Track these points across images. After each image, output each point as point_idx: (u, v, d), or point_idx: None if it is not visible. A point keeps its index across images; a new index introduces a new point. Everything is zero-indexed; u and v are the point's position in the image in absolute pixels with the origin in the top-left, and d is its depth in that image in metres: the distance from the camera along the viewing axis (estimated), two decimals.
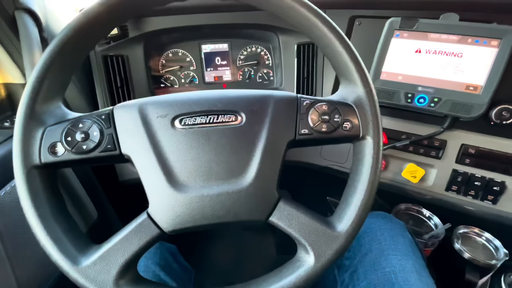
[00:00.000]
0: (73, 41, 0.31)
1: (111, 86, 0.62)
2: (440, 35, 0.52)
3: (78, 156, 0.30)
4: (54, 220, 0.30)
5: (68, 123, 0.31)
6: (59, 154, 0.30)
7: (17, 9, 0.48)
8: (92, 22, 0.31)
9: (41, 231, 0.28)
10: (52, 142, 0.30)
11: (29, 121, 0.30)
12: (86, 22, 0.31)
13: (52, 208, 0.30)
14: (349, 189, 0.34)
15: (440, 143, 0.57)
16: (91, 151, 0.31)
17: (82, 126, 0.31)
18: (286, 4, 0.33)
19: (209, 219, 0.30)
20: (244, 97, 0.34)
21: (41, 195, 0.30)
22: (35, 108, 0.31)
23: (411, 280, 0.37)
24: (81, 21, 0.31)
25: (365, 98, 0.33)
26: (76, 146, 0.30)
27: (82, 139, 0.30)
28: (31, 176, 0.29)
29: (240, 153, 0.32)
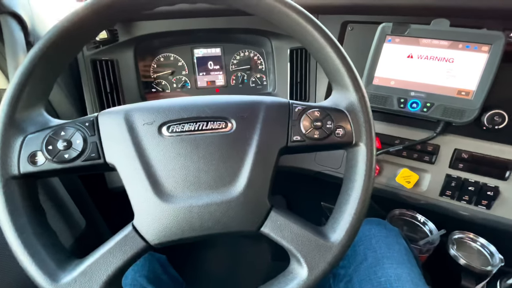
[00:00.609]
0: (56, 45, 0.30)
1: (100, 91, 0.61)
2: (431, 40, 0.52)
3: (59, 165, 0.29)
4: (32, 233, 0.28)
5: (49, 131, 0.30)
6: (39, 164, 0.29)
7: (2, 13, 0.46)
8: (76, 26, 0.30)
9: (17, 245, 0.27)
10: (32, 151, 0.29)
11: (8, 129, 0.29)
12: (70, 26, 0.30)
13: (31, 220, 0.28)
14: (343, 197, 0.33)
15: (433, 148, 0.57)
16: (73, 160, 0.29)
17: (64, 134, 0.30)
18: (277, 9, 0.32)
19: (197, 231, 0.29)
20: (234, 103, 0.33)
21: (19, 206, 0.28)
22: (14, 116, 0.29)
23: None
24: (64, 25, 0.30)
25: (357, 104, 0.33)
26: (57, 155, 0.29)
27: (64, 147, 0.29)
28: (9, 187, 0.28)
29: (230, 161, 0.31)
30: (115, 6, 0.31)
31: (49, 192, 0.54)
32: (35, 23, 0.52)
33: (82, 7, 0.30)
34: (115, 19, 0.34)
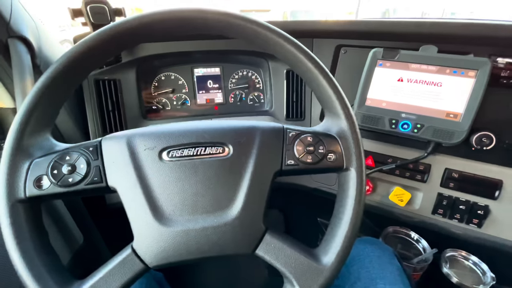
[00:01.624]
0: (64, 74, 0.32)
1: (102, 109, 0.63)
2: (420, 65, 0.55)
3: (63, 189, 0.30)
4: (36, 255, 0.29)
5: (55, 156, 0.31)
6: (44, 188, 0.30)
7: (10, 37, 0.49)
8: (84, 55, 0.32)
9: (22, 267, 0.28)
10: (38, 175, 0.30)
11: (16, 153, 0.30)
12: (78, 56, 0.32)
13: (35, 242, 0.30)
14: (334, 220, 0.34)
15: (424, 167, 0.59)
16: (77, 184, 0.31)
17: (69, 159, 0.31)
18: (272, 40, 0.34)
19: (194, 254, 0.30)
20: (231, 129, 0.34)
21: (24, 229, 0.29)
22: (22, 141, 0.31)
23: None
24: (73, 54, 0.32)
25: (347, 130, 0.34)
26: (62, 179, 0.30)
27: (69, 171, 0.30)
28: (15, 210, 0.29)
29: (227, 185, 0.32)
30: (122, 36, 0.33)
31: (49, 207, 0.55)
32: (42, 46, 0.54)
33: (90, 37, 0.32)
34: (121, 48, 0.36)
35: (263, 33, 0.34)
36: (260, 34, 0.34)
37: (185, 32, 0.35)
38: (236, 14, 0.34)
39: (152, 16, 0.32)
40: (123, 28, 0.32)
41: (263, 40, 0.35)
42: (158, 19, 0.32)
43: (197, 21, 0.34)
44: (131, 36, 0.33)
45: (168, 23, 0.33)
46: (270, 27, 0.34)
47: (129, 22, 0.32)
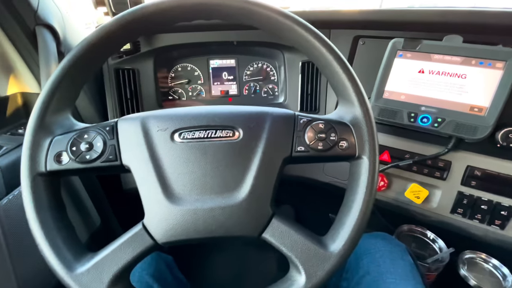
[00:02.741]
0: (85, 57, 0.33)
1: (121, 97, 0.65)
2: (444, 56, 0.52)
3: (81, 165, 0.32)
4: (54, 226, 0.31)
5: (74, 134, 0.33)
6: (64, 163, 0.32)
7: (38, 25, 0.51)
8: (104, 40, 0.33)
9: (40, 236, 0.30)
10: (58, 151, 0.32)
11: (39, 130, 0.32)
12: (98, 40, 0.33)
13: (54, 214, 0.31)
14: (344, 208, 0.33)
15: (444, 164, 0.56)
16: (93, 161, 0.32)
17: (87, 137, 0.32)
18: (286, 26, 0.34)
19: (201, 233, 0.31)
20: (242, 114, 0.34)
21: (44, 201, 0.31)
22: (45, 119, 0.32)
23: None
24: (93, 39, 0.33)
25: (361, 118, 0.33)
26: (80, 156, 0.32)
27: (86, 149, 0.32)
28: (36, 182, 0.31)
29: (236, 168, 0.32)
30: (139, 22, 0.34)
31: (70, 190, 0.58)
32: (67, 34, 0.57)
33: (109, 22, 0.33)
34: (138, 34, 0.37)
35: (275, 17, 0.33)
36: (272, 19, 0.34)
37: (201, 18, 0.36)
38: (251, 0, 0.33)
39: (169, 2, 0.33)
40: (140, 14, 0.33)
41: (276, 26, 0.34)
42: (175, 4, 0.33)
43: (213, 7, 0.34)
44: (148, 21, 0.34)
45: (184, 8, 0.34)
46: (283, 12, 0.33)
47: (146, 8, 0.33)
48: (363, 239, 0.49)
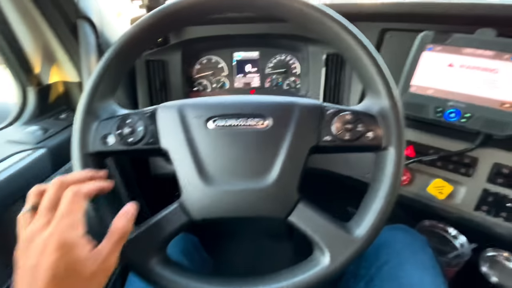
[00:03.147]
0: (126, 48, 0.36)
1: (151, 88, 0.68)
2: (475, 50, 0.51)
3: (124, 147, 0.35)
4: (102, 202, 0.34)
5: (118, 118, 0.36)
6: (109, 145, 0.35)
7: (79, 18, 0.55)
8: (144, 31, 0.36)
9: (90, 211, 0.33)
10: (104, 133, 0.35)
11: (87, 115, 0.35)
12: (139, 32, 0.36)
13: None
14: (369, 196, 0.35)
15: (470, 160, 0.55)
16: (135, 143, 0.35)
17: (130, 122, 0.35)
18: (315, 18, 0.35)
19: (232, 212, 0.33)
20: (271, 103, 0.36)
21: None
22: (92, 104, 0.36)
23: None
24: (135, 31, 0.36)
25: (389, 110, 0.34)
26: (124, 139, 0.35)
27: (129, 132, 0.35)
28: (85, 162, 0.34)
29: (265, 154, 0.34)
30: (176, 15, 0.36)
31: None
32: (104, 27, 0.60)
33: (149, 15, 0.36)
34: (175, 26, 0.39)
35: (305, 10, 0.34)
36: (302, 11, 0.35)
37: (231, 11, 0.37)
38: None
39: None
40: (178, 7, 0.35)
41: (305, 18, 0.36)
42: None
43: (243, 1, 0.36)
44: (185, 14, 0.36)
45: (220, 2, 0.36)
46: (313, 4, 0.34)
47: (181, 2, 0.35)
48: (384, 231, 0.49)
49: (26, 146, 0.47)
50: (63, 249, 0.24)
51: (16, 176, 0.42)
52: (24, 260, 0.25)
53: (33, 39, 0.54)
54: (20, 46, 0.52)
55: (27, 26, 0.53)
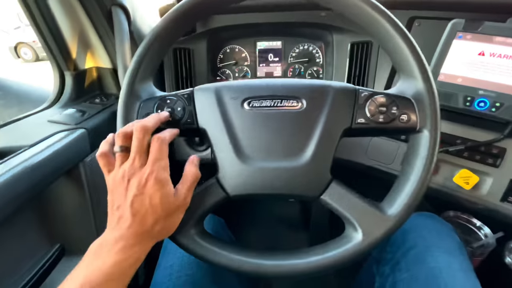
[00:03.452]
0: (164, 33, 0.38)
1: (177, 75, 0.70)
2: (507, 38, 0.50)
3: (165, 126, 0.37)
4: None
5: (157, 99, 0.38)
6: None
7: (114, 5, 0.57)
8: (180, 17, 0.37)
9: None
10: (146, 112, 0.37)
11: (130, 95, 0.37)
12: (175, 18, 0.37)
13: None
14: (402, 178, 0.35)
15: (498, 151, 0.55)
16: (175, 123, 0.37)
17: (169, 102, 0.37)
18: (352, 2, 0.35)
19: (267, 189, 0.34)
20: (306, 85, 0.37)
21: None
22: (134, 86, 0.37)
23: (457, 277, 0.37)
24: (171, 17, 0.37)
25: (425, 93, 0.34)
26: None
27: (169, 112, 0.37)
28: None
29: (299, 135, 0.35)
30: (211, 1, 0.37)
31: None
32: (136, 14, 0.62)
33: (185, 2, 0.37)
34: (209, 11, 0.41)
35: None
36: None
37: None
38: None
39: None
40: None
41: (341, 3, 0.36)
42: None
43: None
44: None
45: None
46: None
47: None
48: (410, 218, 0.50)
49: (66, 126, 0.49)
50: (160, 184, 0.30)
51: (58, 153, 0.45)
52: (123, 190, 0.30)
53: (71, 26, 0.57)
54: (60, 33, 0.55)
55: (66, 13, 0.55)
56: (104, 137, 0.34)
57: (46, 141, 0.45)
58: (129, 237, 0.29)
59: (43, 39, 0.54)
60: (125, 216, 0.29)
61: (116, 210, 0.30)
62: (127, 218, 0.29)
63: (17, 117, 0.50)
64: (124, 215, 0.29)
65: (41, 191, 0.43)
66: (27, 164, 0.40)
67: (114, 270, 0.27)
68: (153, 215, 0.30)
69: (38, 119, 0.52)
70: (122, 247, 0.28)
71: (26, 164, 0.40)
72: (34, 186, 0.41)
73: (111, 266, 0.27)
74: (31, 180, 0.40)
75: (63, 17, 0.54)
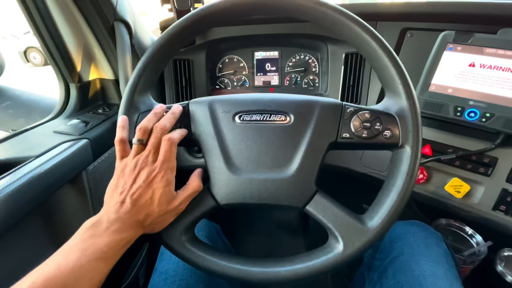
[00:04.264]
0: (164, 48, 0.40)
1: (177, 85, 0.73)
2: (497, 50, 0.51)
3: None
4: None
5: None
6: None
7: (116, 20, 0.60)
8: (179, 33, 0.40)
9: None
10: None
11: (129, 108, 0.40)
12: (175, 33, 0.40)
13: None
14: (383, 192, 0.37)
15: (490, 160, 0.56)
16: None
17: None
18: (339, 21, 0.37)
19: (255, 199, 0.36)
20: (294, 101, 0.39)
21: None
22: (133, 98, 0.40)
23: (440, 285, 0.38)
24: (172, 32, 0.40)
25: (408, 110, 0.36)
26: None
27: None
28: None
29: (286, 148, 0.37)
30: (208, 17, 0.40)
31: None
32: (137, 29, 0.65)
33: (184, 18, 0.39)
34: (206, 28, 0.43)
35: (331, 14, 0.37)
36: (328, 15, 0.37)
37: (260, 13, 0.40)
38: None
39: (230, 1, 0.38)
40: (211, 10, 0.39)
41: (330, 21, 0.38)
42: (240, 2, 0.38)
43: (271, 4, 0.39)
44: (216, 17, 0.40)
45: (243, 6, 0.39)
46: (337, 7, 0.37)
47: (214, 5, 0.38)
48: (399, 226, 0.51)
49: (70, 137, 0.52)
50: (165, 183, 0.33)
51: (63, 163, 0.47)
52: (131, 179, 0.33)
53: (75, 40, 0.60)
54: (65, 47, 0.58)
55: (71, 28, 0.58)
56: (106, 146, 0.37)
57: (51, 151, 0.48)
58: (125, 221, 0.31)
59: (50, 53, 0.57)
60: (126, 202, 0.31)
61: (118, 194, 0.32)
62: (127, 205, 0.31)
63: (24, 128, 0.53)
64: (125, 202, 0.31)
65: (46, 199, 0.46)
66: (33, 174, 0.42)
67: (108, 248, 0.29)
68: (149, 208, 0.32)
69: (44, 129, 0.55)
70: (117, 228, 0.30)
71: (33, 174, 0.42)
72: (39, 194, 0.44)
73: (106, 244, 0.29)
74: (37, 189, 0.43)
75: (68, 33, 0.58)
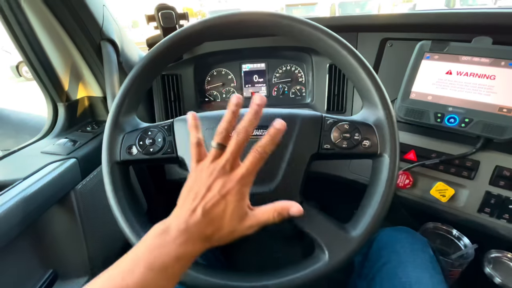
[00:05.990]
0: (148, 68, 0.41)
1: (166, 100, 0.74)
2: (472, 57, 0.53)
3: (146, 156, 0.40)
4: (126, 203, 0.39)
5: (140, 131, 0.41)
6: (133, 154, 0.40)
7: (102, 40, 0.61)
8: (164, 53, 0.41)
9: (117, 210, 0.38)
10: (129, 144, 0.40)
11: (114, 129, 0.40)
12: (159, 53, 0.41)
13: (126, 194, 0.39)
14: (365, 200, 0.38)
15: (472, 164, 0.57)
16: (156, 153, 0.40)
17: (150, 134, 0.40)
18: (315, 36, 0.39)
19: None
20: (275, 115, 0.40)
21: (118, 183, 0.39)
22: (118, 119, 0.41)
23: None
24: (153, 54, 0.41)
25: (384, 119, 0.37)
26: (145, 149, 0.40)
27: (150, 143, 0.40)
28: (113, 169, 0.39)
29: (270, 162, 0.38)
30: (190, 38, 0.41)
31: None
32: (124, 47, 0.66)
33: (168, 38, 0.40)
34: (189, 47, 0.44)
35: (307, 30, 0.38)
36: (305, 31, 0.39)
37: (240, 32, 0.42)
38: (283, 14, 0.39)
39: (213, 20, 0.39)
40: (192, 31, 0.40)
41: (307, 37, 0.39)
42: (218, 23, 0.39)
43: (249, 22, 0.40)
44: (198, 36, 0.41)
45: (226, 25, 0.40)
46: (313, 24, 0.38)
47: (195, 26, 0.40)
48: (386, 232, 0.52)
49: (58, 157, 0.52)
50: (240, 196, 0.30)
51: (51, 183, 0.48)
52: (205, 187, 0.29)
53: (62, 60, 0.61)
54: (52, 68, 0.59)
55: (58, 48, 0.59)
56: (94, 165, 0.37)
57: (38, 172, 0.48)
58: (194, 233, 0.28)
59: (36, 74, 0.58)
60: (197, 212, 0.28)
61: (191, 200, 0.29)
62: (198, 215, 0.28)
63: (12, 149, 0.54)
64: (196, 211, 0.28)
65: (35, 220, 0.46)
66: (21, 196, 0.42)
67: (174, 263, 0.27)
68: (219, 222, 0.29)
69: (31, 150, 0.56)
70: (185, 240, 0.27)
71: (20, 196, 0.42)
72: (28, 216, 0.44)
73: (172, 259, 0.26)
74: (25, 211, 0.43)
75: (54, 53, 0.58)
